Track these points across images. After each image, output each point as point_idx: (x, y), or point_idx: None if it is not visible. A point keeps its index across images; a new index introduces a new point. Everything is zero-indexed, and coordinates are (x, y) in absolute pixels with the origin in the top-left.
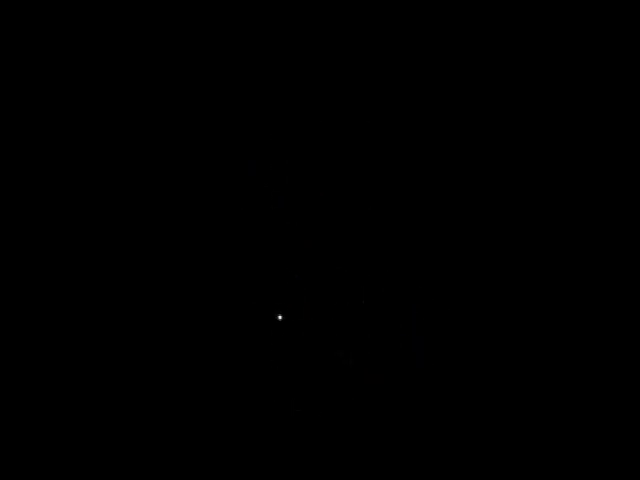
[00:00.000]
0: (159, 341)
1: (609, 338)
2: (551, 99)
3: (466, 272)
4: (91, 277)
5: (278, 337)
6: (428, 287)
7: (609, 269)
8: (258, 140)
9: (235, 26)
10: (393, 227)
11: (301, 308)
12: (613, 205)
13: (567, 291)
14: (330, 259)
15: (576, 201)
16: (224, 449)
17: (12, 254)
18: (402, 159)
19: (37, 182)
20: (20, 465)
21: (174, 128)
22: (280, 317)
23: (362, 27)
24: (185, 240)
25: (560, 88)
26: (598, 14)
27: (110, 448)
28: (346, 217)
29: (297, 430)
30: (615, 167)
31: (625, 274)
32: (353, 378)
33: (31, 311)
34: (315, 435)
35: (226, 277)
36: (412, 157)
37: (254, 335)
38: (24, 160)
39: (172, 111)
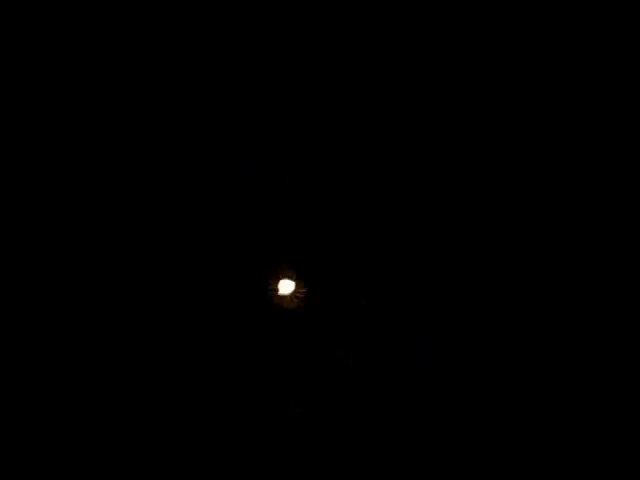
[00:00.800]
0: (158, 340)
1: (609, 338)
2: (551, 99)
3: (466, 272)
4: (92, 276)
5: (278, 337)
6: (428, 287)
7: (609, 269)
8: (258, 140)
9: (235, 26)
10: (393, 227)
11: (301, 308)
12: (613, 205)
13: (566, 291)
14: (330, 259)
15: (576, 201)
16: (224, 449)
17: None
18: (402, 159)
19: (33, 181)
20: (20, 465)
21: (174, 128)
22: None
23: (362, 27)
24: (185, 239)
25: (560, 88)
26: (598, 14)
27: (109, 447)
28: (346, 217)
29: (297, 430)
30: (615, 167)
31: (625, 274)
32: (353, 378)
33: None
34: (315, 435)
35: (226, 276)
36: (412, 157)
37: (254, 335)
38: (23, 160)
39: (172, 112)
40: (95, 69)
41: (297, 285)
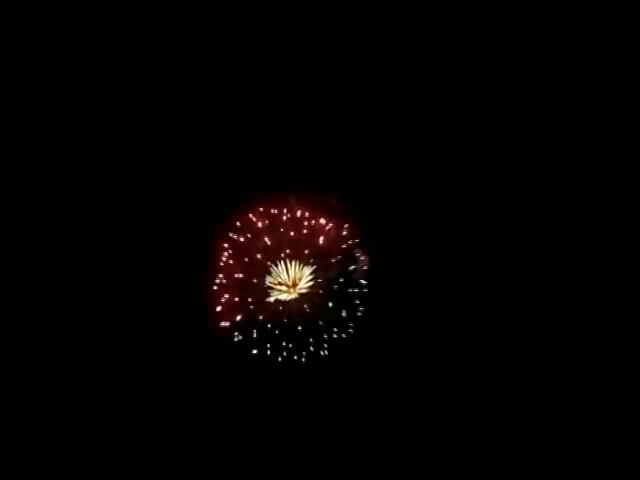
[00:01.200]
0: (159, 340)
1: (608, 338)
2: (551, 100)
3: (464, 274)
4: (90, 277)
5: (278, 338)
6: (428, 288)
7: (608, 270)
8: (258, 140)
9: (235, 27)
10: (393, 228)
11: (301, 309)
12: (613, 206)
13: (565, 292)
14: (330, 259)
15: (575, 202)
16: (225, 448)
17: None
18: (402, 160)
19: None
20: (20, 465)
21: (174, 129)
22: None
23: (362, 28)
24: (185, 238)
25: (560, 89)
26: (598, 14)
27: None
28: (345, 218)
29: (297, 430)
30: (615, 168)
31: (625, 275)
32: (353, 378)
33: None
34: (315, 435)
35: (226, 276)
36: (412, 158)
37: (254, 335)
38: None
39: (172, 112)
40: (95, 70)
41: (298, 286)
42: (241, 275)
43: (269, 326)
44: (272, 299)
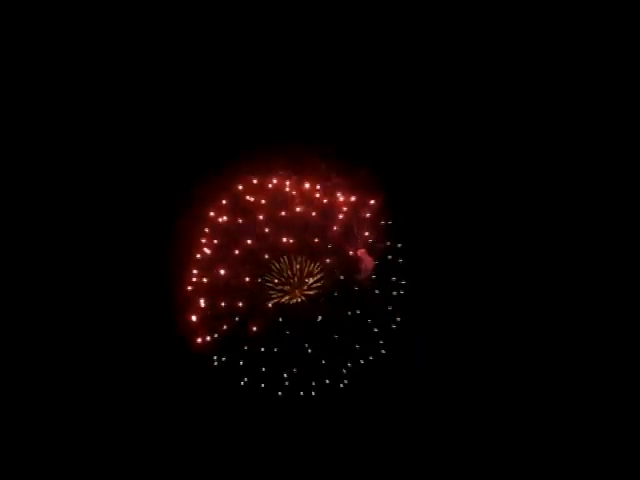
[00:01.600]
0: (161, 341)
1: (607, 338)
2: (551, 101)
3: (464, 274)
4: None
5: (278, 338)
6: (428, 287)
7: (607, 271)
8: (257, 140)
9: (236, 28)
10: (393, 228)
11: (302, 308)
12: (612, 206)
13: (564, 292)
14: (331, 260)
15: (575, 203)
16: (225, 449)
17: None
18: (402, 161)
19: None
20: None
21: (174, 130)
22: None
23: (362, 28)
24: (149, 219)
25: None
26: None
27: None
28: (346, 218)
29: (297, 430)
30: (615, 168)
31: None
32: (354, 378)
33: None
34: (315, 435)
35: (206, 273)
36: (412, 159)
37: (252, 335)
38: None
39: (171, 113)
40: (96, 70)
41: (305, 286)
42: (224, 271)
43: (263, 349)
44: (270, 304)
